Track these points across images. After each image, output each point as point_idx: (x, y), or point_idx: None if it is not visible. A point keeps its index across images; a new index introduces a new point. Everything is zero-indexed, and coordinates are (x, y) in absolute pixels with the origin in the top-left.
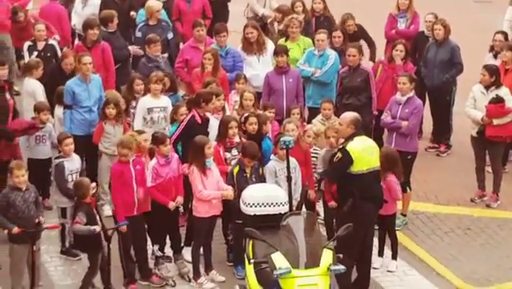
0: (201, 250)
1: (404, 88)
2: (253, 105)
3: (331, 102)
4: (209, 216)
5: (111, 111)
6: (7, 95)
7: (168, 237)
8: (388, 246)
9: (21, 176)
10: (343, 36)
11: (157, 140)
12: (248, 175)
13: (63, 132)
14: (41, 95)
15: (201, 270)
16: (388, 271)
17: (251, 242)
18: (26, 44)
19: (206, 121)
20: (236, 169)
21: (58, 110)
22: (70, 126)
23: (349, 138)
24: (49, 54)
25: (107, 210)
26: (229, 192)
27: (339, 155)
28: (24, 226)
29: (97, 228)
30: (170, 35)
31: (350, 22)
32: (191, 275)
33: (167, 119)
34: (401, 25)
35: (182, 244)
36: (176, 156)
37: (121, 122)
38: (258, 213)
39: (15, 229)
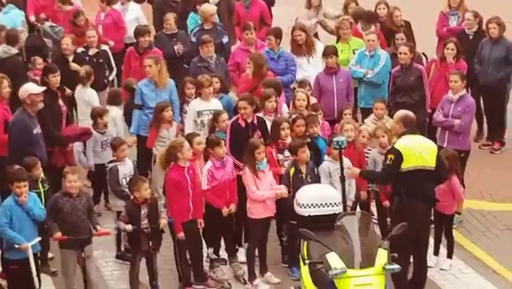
0: (256, 251)
1: (456, 86)
2: (306, 106)
3: (383, 102)
4: (263, 217)
5: (169, 114)
6: (60, 102)
7: (222, 239)
8: (444, 245)
9: (73, 181)
10: (405, 38)
11: (212, 142)
12: (304, 176)
13: (118, 137)
14: (97, 103)
15: (256, 271)
16: (441, 269)
17: (306, 243)
18: (79, 50)
19: (252, 124)
20: (292, 170)
21: (112, 111)
22: (138, 126)
23: (399, 136)
24: (101, 61)
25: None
26: (282, 190)
27: (392, 156)
28: (71, 232)
29: (128, 227)
30: (225, 39)
31: (397, 13)
32: (246, 277)
33: None
34: (452, 22)
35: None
36: (230, 159)
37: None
38: (312, 214)
39: (57, 235)
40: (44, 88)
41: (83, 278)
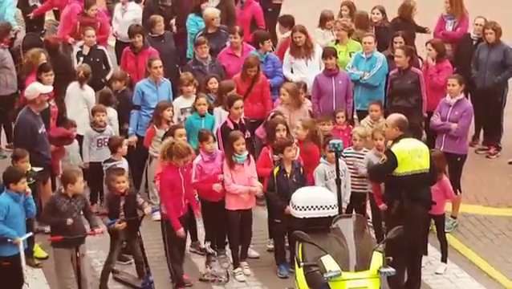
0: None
1: (454, 90)
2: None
3: (379, 104)
4: (236, 209)
5: (170, 113)
6: (51, 102)
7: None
8: (438, 249)
9: (80, 182)
10: (404, 42)
11: (201, 136)
12: (288, 175)
13: (117, 136)
14: (94, 102)
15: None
16: (436, 273)
17: (301, 245)
18: (76, 49)
19: (241, 124)
20: (276, 170)
21: (108, 111)
22: (136, 126)
23: (396, 140)
24: (98, 60)
25: (157, 216)
26: (256, 188)
27: (385, 157)
28: (66, 232)
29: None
30: (228, 43)
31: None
32: (230, 271)
33: None
34: (449, 27)
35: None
36: (220, 152)
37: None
38: (307, 216)
39: (69, 221)
40: (51, 88)
41: (77, 276)
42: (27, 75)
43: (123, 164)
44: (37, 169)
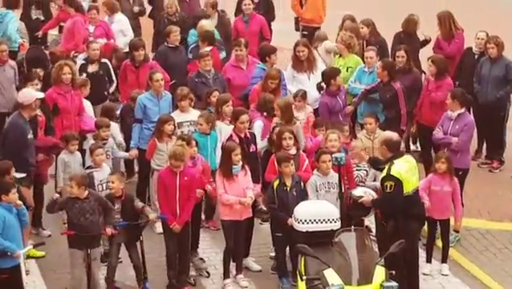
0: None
1: (449, 104)
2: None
3: (373, 116)
4: (229, 219)
5: (171, 127)
6: (38, 112)
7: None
8: (439, 252)
9: (82, 188)
10: (406, 56)
11: (184, 141)
12: (288, 188)
13: (96, 142)
14: (92, 113)
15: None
16: (443, 275)
17: (303, 259)
18: (79, 62)
19: (246, 138)
20: (276, 183)
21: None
22: (138, 140)
23: (389, 160)
24: (101, 73)
25: (159, 228)
26: (247, 200)
27: (391, 183)
28: (79, 231)
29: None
30: (222, 55)
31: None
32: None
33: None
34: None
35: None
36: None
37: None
38: (310, 230)
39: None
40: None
41: (88, 279)
42: (47, 86)
43: (104, 170)
44: (19, 175)
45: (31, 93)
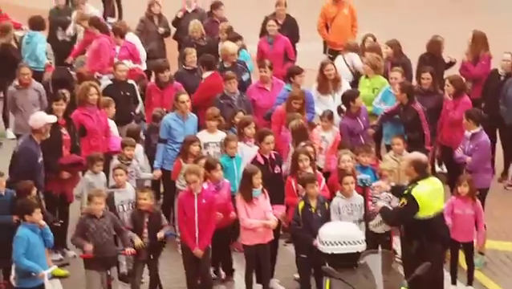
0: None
1: (465, 124)
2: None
3: (401, 137)
4: (254, 244)
5: (197, 148)
6: (62, 131)
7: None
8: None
9: (98, 203)
10: (432, 78)
11: (208, 165)
12: (313, 210)
13: (119, 162)
14: (117, 133)
15: None
16: None
17: (328, 281)
18: (104, 82)
19: (271, 160)
20: (301, 204)
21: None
22: (162, 160)
23: (414, 182)
24: (128, 94)
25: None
26: (271, 222)
27: (404, 201)
28: (95, 252)
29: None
30: (245, 76)
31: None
32: None
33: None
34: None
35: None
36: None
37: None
38: (335, 252)
39: (88, 247)
40: (56, 118)
41: None
42: (72, 107)
43: (128, 191)
44: None
45: (42, 117)
